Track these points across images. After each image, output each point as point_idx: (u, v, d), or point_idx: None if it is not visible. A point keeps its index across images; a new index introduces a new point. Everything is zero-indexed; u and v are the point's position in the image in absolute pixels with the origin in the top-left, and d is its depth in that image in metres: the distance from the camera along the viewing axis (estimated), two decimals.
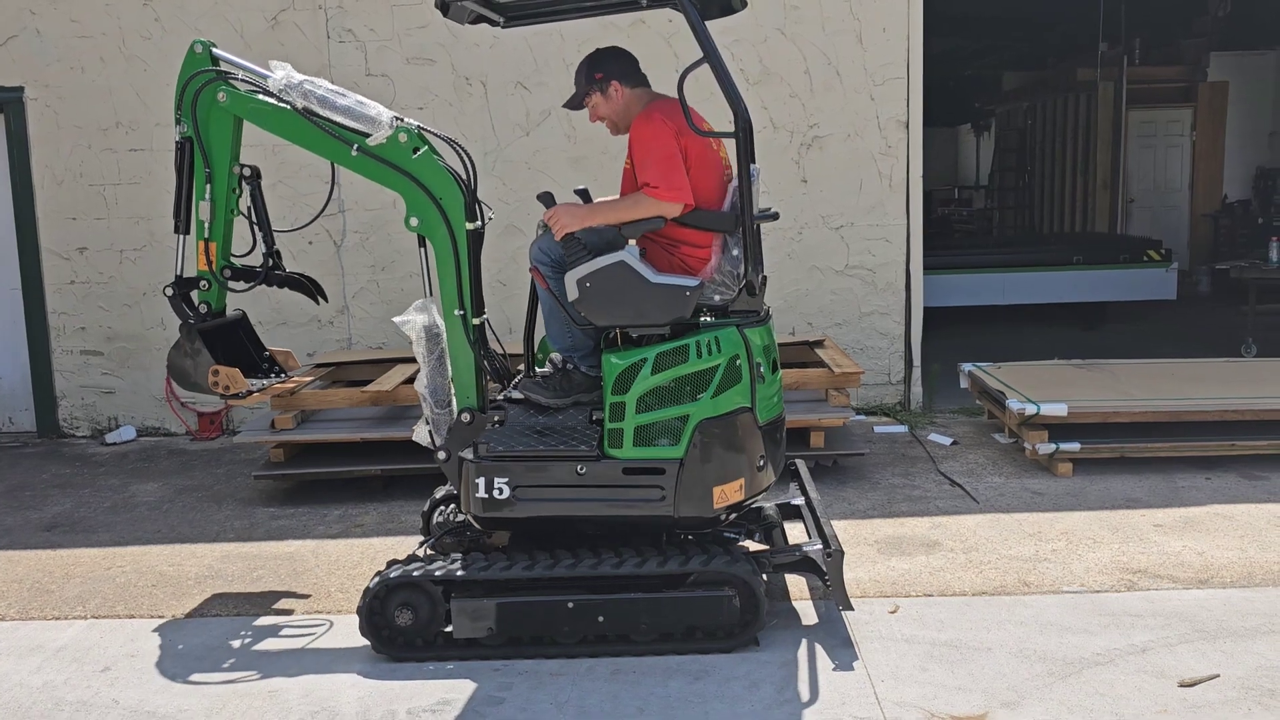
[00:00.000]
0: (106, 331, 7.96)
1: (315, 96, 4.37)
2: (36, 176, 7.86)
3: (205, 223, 4.63)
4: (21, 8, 7.70)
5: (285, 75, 4.43)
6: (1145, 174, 14.42)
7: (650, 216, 4.13)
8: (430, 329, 4.43)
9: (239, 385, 4.63)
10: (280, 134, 4.51)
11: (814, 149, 7.80)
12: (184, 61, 4.57)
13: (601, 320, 4.14)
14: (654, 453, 4.05)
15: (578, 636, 4.10)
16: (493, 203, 7.84)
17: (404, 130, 4.35)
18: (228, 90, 4.53)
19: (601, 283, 4.06)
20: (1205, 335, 10.10)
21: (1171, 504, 5.70)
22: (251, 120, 4.54)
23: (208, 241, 4.65)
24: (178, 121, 4.57)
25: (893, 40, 7.69)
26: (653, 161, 4.14)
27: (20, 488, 6.81)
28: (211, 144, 4.55)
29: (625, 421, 4.05)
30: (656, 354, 4.06)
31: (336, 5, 7.66)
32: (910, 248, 7.88)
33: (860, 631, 4.26)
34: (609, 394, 4.07)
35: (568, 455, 4.08)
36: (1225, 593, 4.56)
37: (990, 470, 6.44)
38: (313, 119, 4.38)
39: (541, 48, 7.62)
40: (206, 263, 4.67)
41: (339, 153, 4.41)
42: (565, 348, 4.40)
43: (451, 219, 4.34)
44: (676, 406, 4.04)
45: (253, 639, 4.42)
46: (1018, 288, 10.75)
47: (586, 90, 4.40)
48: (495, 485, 4.08)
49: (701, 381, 4.06)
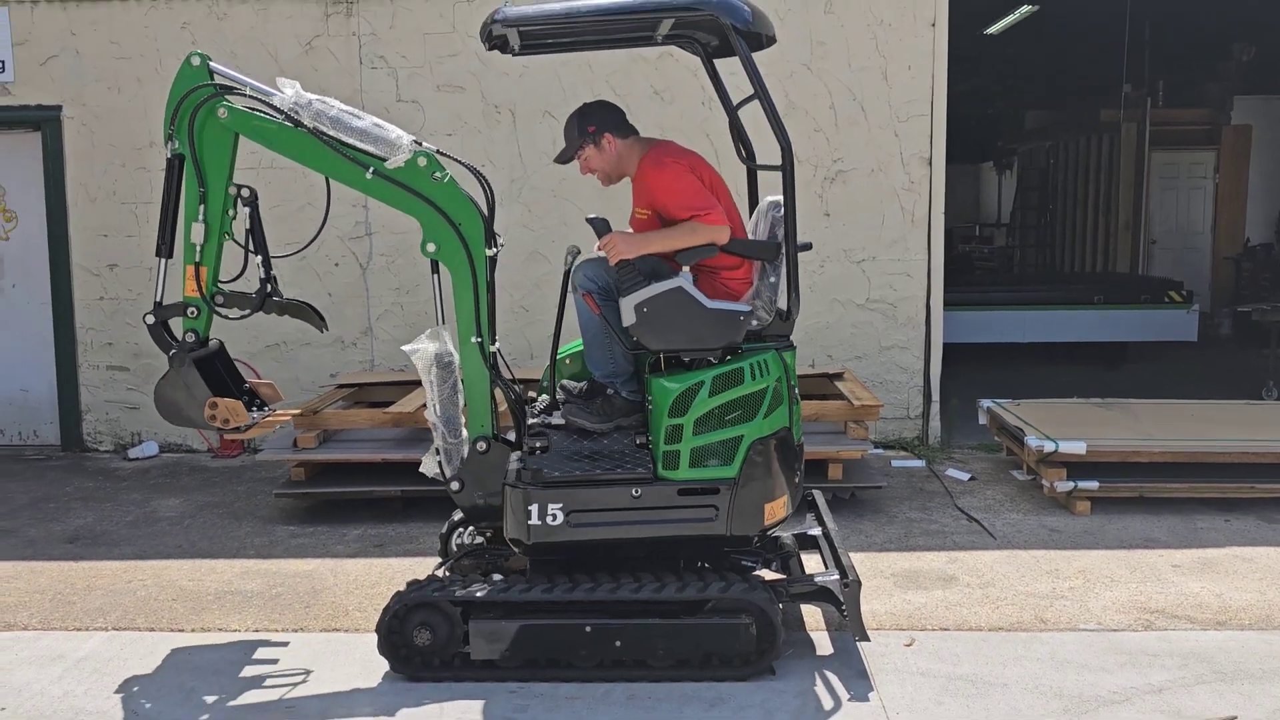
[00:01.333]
0: (133, 348, 8.06)
1: (327, 117, 4.25)
2: (71, 193, 8.00)
3: (197, 245, 4.36)
4: (63, 28, 7.87)
5: (295, 94, 4.28)
6: (1167, 215, 14.41)
7: (705, 243, 4.21)
8: (442, 357, 4.34)
9: (240, 418, 4.42)
10: (287, 154, 4.37)
11: (837, 183, 7.86)
12: (178, 75, 4.35)
13: (657, 345, 4.20)
14: (709, 473, 4.14)
15: (595, 660, 4.11)
16: (518, 230, 7.96)
17: (423, 154, 4.27)
18: (229, 107, 4.32)
19: (659, 308, 4.14)
20: (1226, 377, 10.06)
21: (1190, 545, 5.68)
22: (255, 139, 4.36)
23: (199, 265, 4.38)
24: (169, 138, 4.35)
25: (917, 77, 7.76)
26: (687, 196, 4.23)
27: (44, 500, 6.89)
28: (206, 162, 4.32)
29: (682, 443, 4.12)
30: (713, 377, 4.16)
31: (370, 32, 7.80)
32: (931, 283, 7.91)
33: (876, 663, 4.26)
34: (665, 417, 4.12)
35: (624, 479, 4.12)
36: (1244, 635, 4.54)
37: (1008, 507, 6.43)
38: (323, 139, 4.25)
39: (570, 77, 7.72)
40: (196, 288, 4.40)
41: (352, 175, 4.29)
42: (607, 373, 4.41)
43: (471, 245, 4.27)
44: (732, 427, 4.15)
45: (270, 655, 4.45)
46: (1038, 326, 10.74)
47: (579, 144, 4.44)
48: (549, 511, 4.09)
49: (754, 402, 4.18)
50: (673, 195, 4.25)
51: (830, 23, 7.73)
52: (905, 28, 7.72)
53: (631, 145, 4.46)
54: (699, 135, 7.24)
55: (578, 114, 4.48)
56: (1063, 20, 12.00)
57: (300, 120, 4.26)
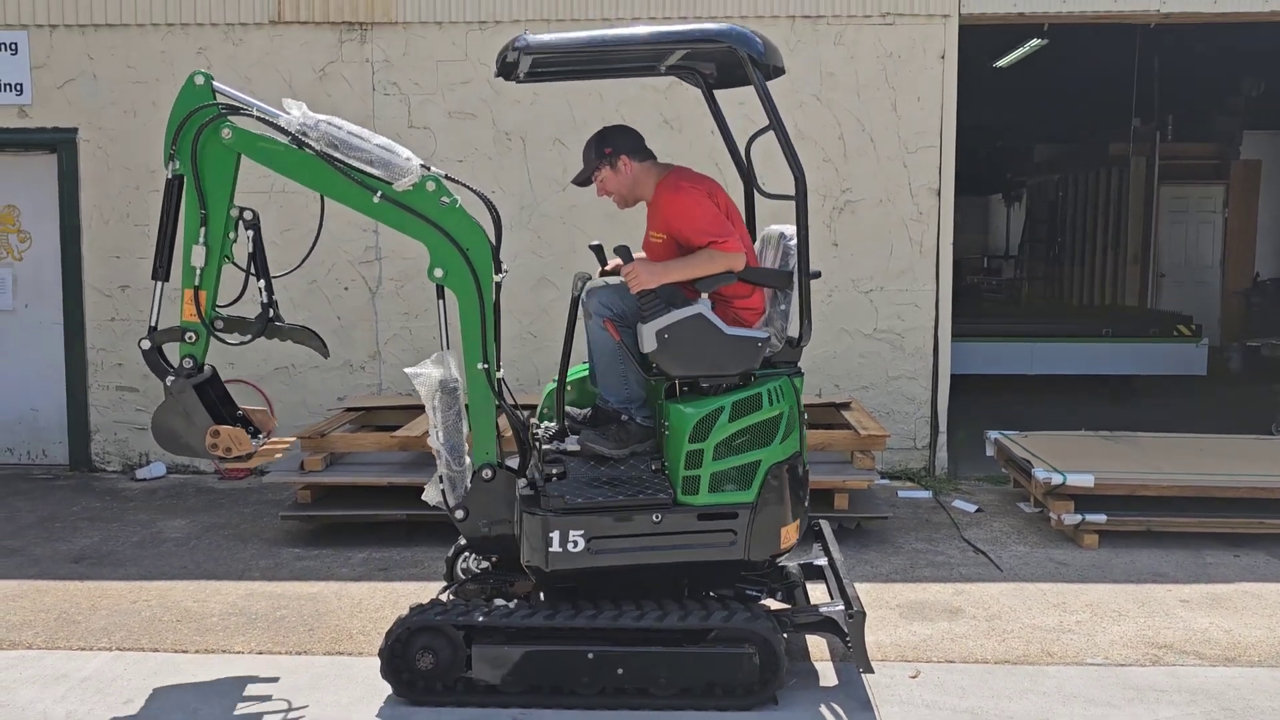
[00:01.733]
0: (143, 369, 7.95)
1: (335, 139, 4.17)
2: (85, 215, 8.07)
3: (196, 268, 4.25)
4: (81, 52, 7.97)
5: (301, 115, 4.20)
6: (1176, 249, 14.41)
7: (722, 271, 4.25)
8: (446, 383, 4.30)
9: (244, 447, 4.31)
10: (293, 177, 4.30)
11: (846, 213, 7.89)
12: (181, 93, 4.27)
13: (676, 371, 4.23)
14: (727, 498, 4.17)
15: (597, 688, 4.09)
16: (527, 256, 8.01)
17: (431, 178, 4.23)
18: (233, 127, 4.23)
19: (679, 334, 4.18)
20: (1235, 412, 10.02)
21: (1199, 580, 5.65)
22: (260, 161, 4.27)
23: (198, 289, 4.27)
24: (169, 158, 4.25)
25: (927, 109, 7.81)
26: (704, 222, 4.26)
27: (51, 519, 6.90)
28: (208, 184, 4.22)
29: (703, 469, 4.14)
30: (732, 402, 4.18)
31: (383, 59, 7.88)
32: (939, 314, 7.92)
33: (880, 695, 4.23)
34: (685, 442, 4.13)
35: (646, 504, 4.13)
36: (1253, 671, 4.50)
37: (1015, 539, 6.40)
38: (331, 162, 4.17)
39: (581, 105, 7.78)
40: (195, 312, 4.28)
41: (359, 199, 4.21)
42: (622, 399, 4.41)
43: (479, 271, 4.25)
44: (751, 452, 4.18)
45: (274, 678, 4.44)
46: (1046, 358, 10.72)
47: (596, 165, 4.48)
48: (570, 538, 4.09)
49: (771, 428, 4.23)
50: (690, 221, 4.28)
51: (840, 54, 7.79)
52: (915, 60, 7.77)
53: (648, 169, 4.50)
54: (708, 164, 7.25)
55: (596, 137, 4.52)
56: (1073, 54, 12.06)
57: (307, 142, 4.18)
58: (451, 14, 7.84)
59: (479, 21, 7.84)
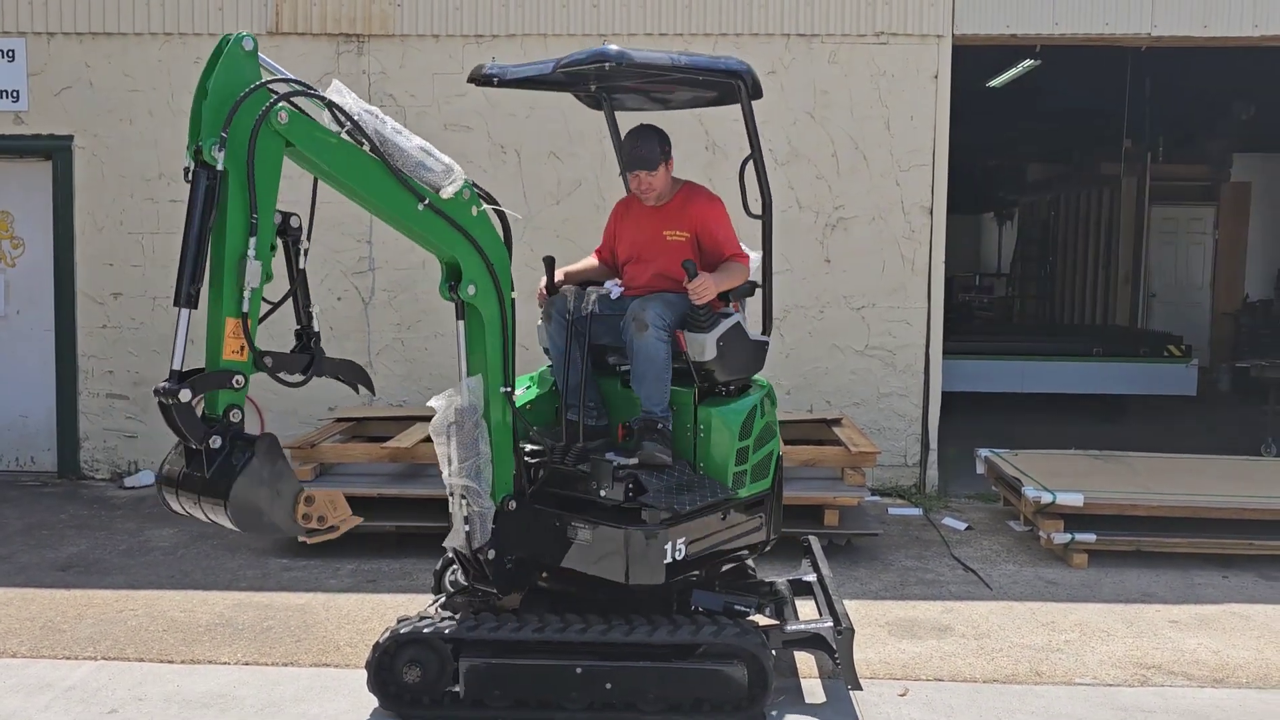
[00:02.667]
0: (134, 376, 8.07)
1: (382, 135, 3.59)
2: (78, 222, 8.06)
3: (246, 291, 3.34)
4: (78, 60, 7.97)
5: (354, 100, 3.59)
6: (1167, 270, 14.49)
7: (743, 282, 4.55)
8: (470, 413, 3.93)
9: (342, 511, 3.51)
10: (339, 174, 3.61)
11: (838, 230, 7.92)
12: (224, 61, 3.40)
13: (725, 375, 4.46)
14: (759, 487, 4.51)
15: (585, 702, 4.08)
16: (521, 269, 7.82)
17: (467, 185, 3.80)
18: (289, 110, 3.44)
19: (729, 341, 4.41)
20: (1225, 433, 10.06)
21: (1187, 600, 5.66)
22: (309, 153, 3.52)
23: (246, 318, 3.37)
24: (205, 147, 3.31)
25: (920, 128, 7.85)
26: (733, 234, 4.58)
27: (38, 526, 6.87)
28: (259, 181, 3.37)
29: (748, 463, 4.43)
30: (761, 399, 4.52)
31: (380, 71, 7.90)
32: (930, 331, 7.95)
33: (868, 712, 4.23)
34: (736, 439, 4.37)
35: (720, 503, 4.33)
36: (1241, 693, 4.51)
37: (1004, 557, 6.41)
38: (386, 161, 3.58)
39: (576, 118, 7.79)
40: (249, 347, 3.36)
41: (403, 205, 3.63)
42: (665, 407, 4.44)
43: (502, 285, 3.96)
44: (769, 444, 4.55)
45: (260, 689, 4.42)
46: (1037, 376, 10.76)
47: (662, 158, 4.52)
48: (676, 547, 4.20)
49: (775, 422, 4.64)
50: (725, 230, 4.56)
51: (834, 72, 7.83)
52: (908, 79, 7.82)
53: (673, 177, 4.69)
54: (701, 180, 7.28)
55: (656, 132, 4.53)
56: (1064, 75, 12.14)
57: (365, 134, 3.55)
58: (449, 27, 7.87)
59: (475, 35, 7.87)
